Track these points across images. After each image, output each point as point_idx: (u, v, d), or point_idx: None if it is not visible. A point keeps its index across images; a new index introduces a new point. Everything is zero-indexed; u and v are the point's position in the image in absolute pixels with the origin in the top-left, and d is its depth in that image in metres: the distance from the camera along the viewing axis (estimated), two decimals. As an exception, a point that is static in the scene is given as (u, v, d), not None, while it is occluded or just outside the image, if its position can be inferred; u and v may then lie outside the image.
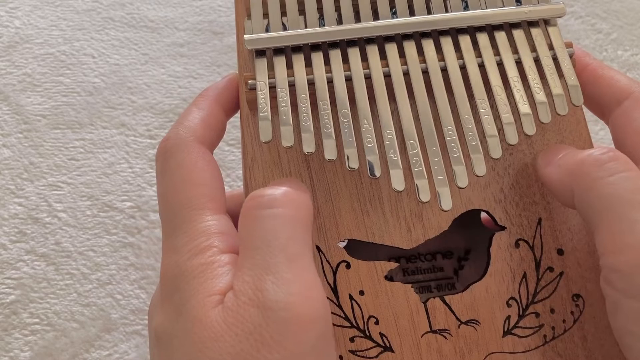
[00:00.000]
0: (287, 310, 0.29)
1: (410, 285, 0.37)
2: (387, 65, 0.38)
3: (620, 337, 0.33)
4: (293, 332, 0.29)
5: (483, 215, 0.38)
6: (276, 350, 0.28)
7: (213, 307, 0.30)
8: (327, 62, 0.38)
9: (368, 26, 0.38)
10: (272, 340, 0.28)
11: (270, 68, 0.38)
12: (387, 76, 0.38)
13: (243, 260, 0.31)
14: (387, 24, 0.39)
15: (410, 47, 0.39)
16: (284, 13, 0.39)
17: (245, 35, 0.38)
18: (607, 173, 0.33)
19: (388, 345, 0.36)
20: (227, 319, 0.29)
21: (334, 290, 0.37)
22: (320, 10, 0.40)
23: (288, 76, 0.38)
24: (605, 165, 0.33)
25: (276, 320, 0.29)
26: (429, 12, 0.39)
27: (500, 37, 0.39)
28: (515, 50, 0.39)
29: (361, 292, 0.37)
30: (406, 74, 0.38)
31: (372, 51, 0.38)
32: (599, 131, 0.62)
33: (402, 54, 0.38)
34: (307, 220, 0.33)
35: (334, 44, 0.39)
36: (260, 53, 0.38)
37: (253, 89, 0.38)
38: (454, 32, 0.39)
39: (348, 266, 0.37)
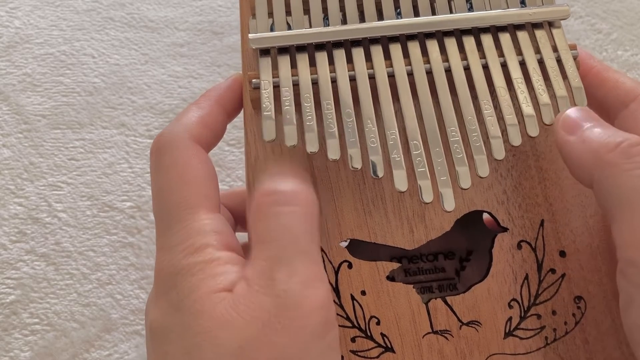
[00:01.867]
0: (294, 297, 0.30)
1: (412, 285, 0.37)
2: (391, 66, 0.38)
3: (632, 333, 0.32)
4: (299, 317, 0.30)
5: (485, 216, 0.38)
6: (282, 333, 0.30)
7: (220, 301, 0.31)
8: (331, 61, 0.38)
9: (372, 26, 0.38)
10: (279, 325, 0.30)
11: (275, 67, 0.38)
12: (391, 76, 0.38)
13: (257, 252, 0.32)
14: (391, 24, 0.38)
15: (414, 48, 0.39)
16: (288, 12, 0.39)
17: (249, 34, 0.38)
18: (634, 165, 0.32)
19: (389, 346, 0.36)
20: (238, 307, 0.30)
21: (336, 290, 0.37)
22: (325, 10, 0.39)
23: (292, 75, 0.38)
24: (634, 158, 0.32)
25: (284, 307, 0.30)
26: (434, 13, 0.39)
27: (505, 38, 0.39)
28: (519, 52, 0.39)
29: (363, 292, 0.37)
30: (410, 74, 0.38)
31: (377, 51, 0.38)
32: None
33: (406, 54, 0.38)
34: (316, 215, 0.34)
35: (338, 44, 0.38)
36: (265, 52, 0.38)
37: (257, 88, 0.37)
38: (459, 33, 0.39)
39: (350, 266, 0.37)
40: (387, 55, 0.38)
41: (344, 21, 0.39)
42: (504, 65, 0.38)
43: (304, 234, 0.33)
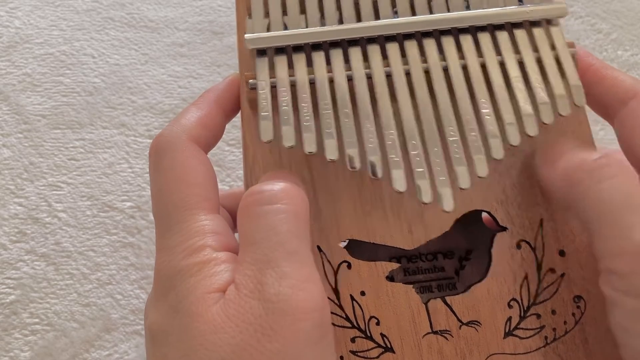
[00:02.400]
0: (285, 301, 0.30)
1: (412, 285, 0.37)
2: (389, 65, 0.38)
3: (617, 335, 0.33)
4: (290, 322, 0.30)
5: (485, 215, 0.38)
6: (275, 339, 0.29)
7: (214, 303, 0.31)
8: (328, 61, 0.38)
9: (369, 25, 0.38)
10: (271, 330, 0.29)
11: (271, 67, 0.38)
12: (389, 76, 0.38)
13: (244, 254, 0.32)
14: (388, 23, 0.38)
15: (411, 47, 0.38)
16: (285, 12, 0.39)
17: (246, 34, 0.38)
18: (597, 180, 0.33)
19: (389, 346, 0.36)
20: (228, 311, 0.30)
21: (335, 291, 0.37)
22: (321, 9, 0.39)
23: (289, 76, 0.37)
24: (596, 172, 0.34)
25: (275, 311, 0.30)
26: (431, 12, 0.39)
27: (502, 36, 0.39)
28: (517, 50, 0.38)
29: (362, 293, 0.37)
30: (408, 73, 0.38)
31: (374, 51, 0.38)
32: (599, 131, 0.62)
33: (403, 53, 0.38)
34: (305, 214, 0.34)
35: (335, 44, 0.38)
36: (261, 52, 0.38)
37: (254, 88, 0.37)
38: (456, 32, 0.39)
39: (349, 266, 0.37)
40: (385, 55, 0.38)
41: (341, 20, 0.39)
42: (501, 64, 0.38)
43: (291, 234, 0.32)
